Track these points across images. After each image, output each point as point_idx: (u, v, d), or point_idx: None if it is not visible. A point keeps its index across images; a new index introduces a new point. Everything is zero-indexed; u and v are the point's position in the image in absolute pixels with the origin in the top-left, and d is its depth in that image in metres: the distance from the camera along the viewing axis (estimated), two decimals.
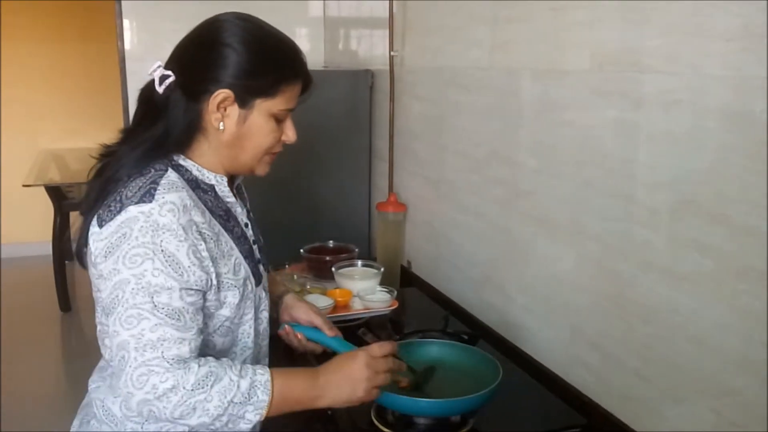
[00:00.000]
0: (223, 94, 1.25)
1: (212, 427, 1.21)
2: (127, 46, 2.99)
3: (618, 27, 1.42)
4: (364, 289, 2.08)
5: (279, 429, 1.65)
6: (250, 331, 1.38)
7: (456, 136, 2.13)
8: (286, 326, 1.53)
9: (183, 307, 1.19)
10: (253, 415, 1.20)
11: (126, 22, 3.00)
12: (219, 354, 1.33)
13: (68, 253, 4.67)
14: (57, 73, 6.00)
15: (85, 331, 4.61)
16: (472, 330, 1.90)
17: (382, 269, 2.18)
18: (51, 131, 6.01)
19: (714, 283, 1.22)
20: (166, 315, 1.17)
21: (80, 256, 1.30)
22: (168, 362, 1.16)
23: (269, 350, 1.51)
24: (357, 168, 2.85)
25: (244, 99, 1.27)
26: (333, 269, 2.16)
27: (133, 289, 1.16)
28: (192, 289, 1.21)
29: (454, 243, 2.19)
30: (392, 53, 2.45)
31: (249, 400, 1.19)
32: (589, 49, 1.51)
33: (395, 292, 2.10)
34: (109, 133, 1.38)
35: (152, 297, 1.17)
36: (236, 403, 1.18)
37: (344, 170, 2.83)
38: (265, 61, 1.28)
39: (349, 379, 1.27)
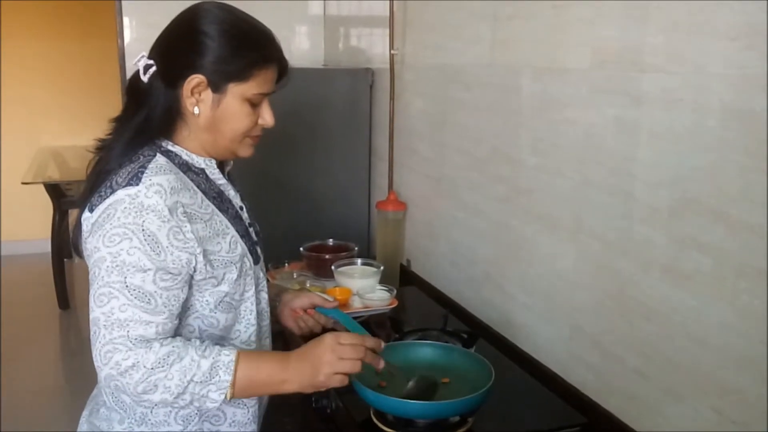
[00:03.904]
0: (196, 79, 1.29)
1: (177, 405, 1.25)
2: (127, 44, 2.99)
3: (619, 25, 1.41)
4: (364, 288, 2.08)
5: (279, 428, 1.65)
6: (252, 308, 1.41)
7: (456, 134, 2.12)
8: (308, 309, 1.61)
9: (155, 291, 1.22)
10: (217, 395, 1.23)
11: (126, 20, 2.99)
12: (223, 331, 1.37)
13: (67, 250, 4.68)
14: (56, 71, 5.99)
15: (83, 328, 4.60)
16: (471, 329, 1.90)
17: (382, 267, 2.18)
18: (50, 129, 6.01)
19: (714, 281, 1.22)
20: (135, 297, 1.21)
21: (76, 245, 1.34)
22: (131, 342, 1.21)
23: (271, 331, 1.54)
24: (357, 166, 2.84)
25: (217, 84, 1.30)
26: (333, 267, 2.16)
27: (108, 267, 1.21)
28: (168, 273, 1.24)
29: (454, 241, 2.19)
30: (392, 51, 2.44)
31: (210, 380, 1.22)
32: (590, 47, 1.50)
33: (395, 291, 2.10)
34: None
35: (125, 277, 1.21)
36: (197, 382, 1.22)
37: (344, 168, 2.83)
38: (237, 47, 1.30)
39: (312, 362, 1.28)
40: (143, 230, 1.21)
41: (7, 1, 5.63)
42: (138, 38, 2.98)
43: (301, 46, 3.30)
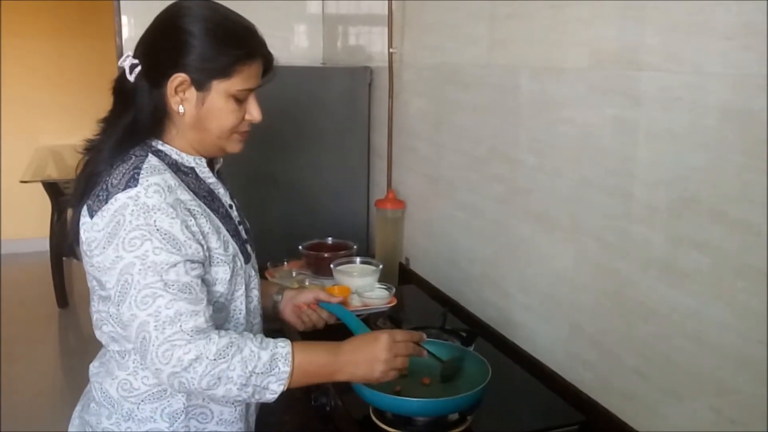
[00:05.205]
0: (179, 78, 1.29)
1: (239, 398, 1.26)
2: (125, 43, 2.99)
3: (617, 24, 1.41)
4: (363, 286, 2.08)
5: (277, 427, 1.66)
6: (242, 307, 1.41)
7: (455, 134, 2.13)
8: (311, 304, 1.62)
9: (191, 281, 1.24)
10: (277, 386, 1.25)
11: (124, 19, 2.99)
12: None
13: (66, 249, 4.66)
14: (56, 70, 6.00)
15: (82, 327, 4.60)
16: (470, 327, 1.90)
17: (381, 266, 2.18)
18: (49, 128, 6.01)
19: (713, 281, 1.22)
20: (178, 290, 1.21)
21: (73, 247, 1.35)
22: (188, 334, 1.21)
23: (262, 329, 1.53)
24: (356, 165, 2.84)
25: (200, 82, 1.30)
26: (332, 266, 2.16)
27: (140, 270, 1.21)
28: (194, 262, 1.25)
29: (453, 240, 2.19)
30: (391, 50, 2.45)
31: (271, 371, 1.24)
32: (588, 47, 1.51)
33: (394, 289, 2.10)
34: None
35: (161, 275, 1.21)
36: (258, 373, 1.23)
37: (343, 167, 2.83)
38: (219, 44, 1.30)
39: (369, 359, 1.32)
40: (158, 230, 1.21)
41: (7, 1, 5.63)
42: (136, 37, 2.92)
43: (299, 45, 3.30)
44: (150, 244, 1.21)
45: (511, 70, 1.80)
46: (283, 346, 1.26)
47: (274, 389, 1.25)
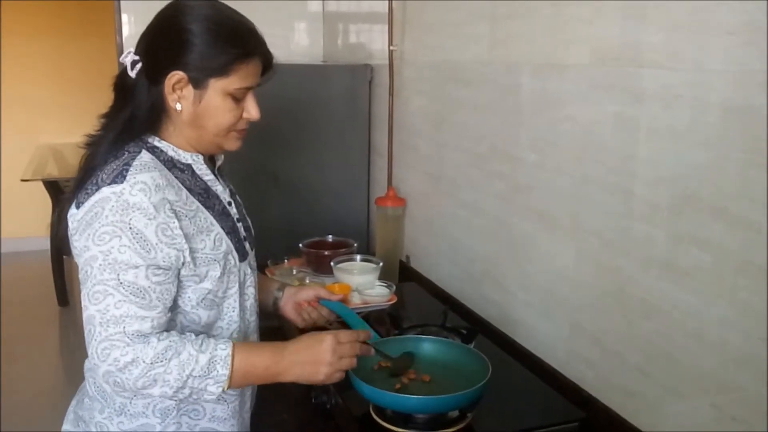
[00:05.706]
0: (177, 75, 1.29)
1: (176, 398, 1.27)
2: (125, 41, 2.99)
3: (618, 22, 1.41)
4: (363, 284, 2.08)
5: (276, 426, 1.66)
6: (235, 305, 1.41)
7: (456, 131, 2.12)
8: (312, 301, 1.63)
9: (148, 286, 1.23)
10: (215, 388, 1.25)
11: (124, 17, 3.00)
12: (205, 328, 1.37)
13: (65, 247, 4.65)
14: (56, 69, 6.01)
15: (83, 325, 4.60)
16: (470, 325, 1.90)
17: (381, 264, 2.18)
18: (49, 126, 6.02)
19: (714, 278, 1.22)
20: (130, 293, 1.21)
21: (64, 242, 1.35)
22: (128, 337, 1.21)
23: (258, 327, 1.54)
24: (356, 163, 2.84)
25: (197, 80, 1.30)
26: (332, 264, 2.16)
27: (100, 265, 1.21)
28: (159, 268, 1.24)
29: (454, 238, 2.19)
30: (392, 48, 2.45)
31: (209, 374, 1.24)
32: (589, 44, 1.50)
33: (394, 287, 2.10)
34: None
35: (118, 274, 1.21)
36: (195, 376, 1.23)
37: (343, 165, 2.83)
38: (218, 42, 1.30)
39: (313, 361, 1.31)
40: (131, 228, 1.21)
41: (7, 1, 5.63)
42: (136, 36, 2.93)
43: (300, 43, 3.30)
44: (118, 241, 1.21)
45: (513, 68, 1.80)
46: (223, 349, 1.25)
47: (212, 391, 1.25)
